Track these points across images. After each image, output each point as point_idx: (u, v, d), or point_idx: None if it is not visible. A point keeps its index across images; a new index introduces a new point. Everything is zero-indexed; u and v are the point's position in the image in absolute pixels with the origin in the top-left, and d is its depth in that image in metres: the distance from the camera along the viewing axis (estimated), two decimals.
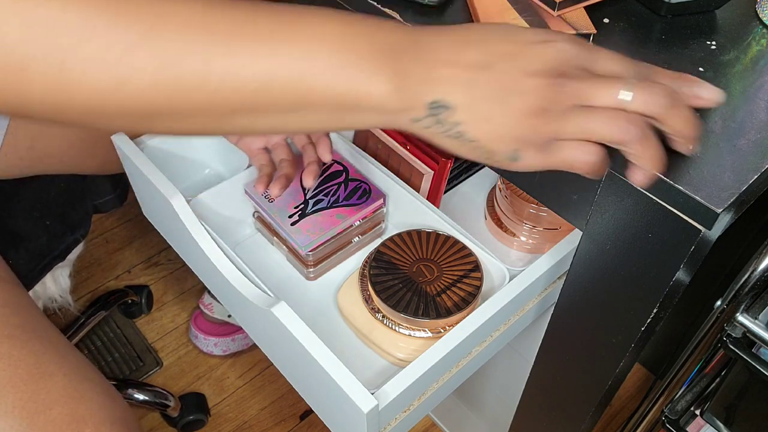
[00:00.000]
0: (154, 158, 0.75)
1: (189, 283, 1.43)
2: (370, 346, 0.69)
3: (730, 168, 0.41)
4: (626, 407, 1.24)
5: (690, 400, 0.82)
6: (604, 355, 0.55)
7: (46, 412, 0.60)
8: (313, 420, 1.23)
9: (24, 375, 0.61)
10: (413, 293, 0.66)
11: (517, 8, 0.50)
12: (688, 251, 0.42)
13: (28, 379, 0.61)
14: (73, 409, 0.62)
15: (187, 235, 0.69)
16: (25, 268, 0.80)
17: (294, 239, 0.72)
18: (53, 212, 0.83)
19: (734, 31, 0.51)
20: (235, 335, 1.28)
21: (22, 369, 0.61)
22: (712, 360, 0.76)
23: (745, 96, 0.46)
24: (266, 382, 1.28)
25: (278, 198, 0.76)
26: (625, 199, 0.44)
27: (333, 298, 0.74)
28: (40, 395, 0.61)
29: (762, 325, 0.63)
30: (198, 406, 1.21)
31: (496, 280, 0.70)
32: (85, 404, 0.63)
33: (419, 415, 0.64)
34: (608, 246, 0.48)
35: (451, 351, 0.59)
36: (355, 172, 0.79)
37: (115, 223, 1.54)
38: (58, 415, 0.61)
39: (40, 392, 0.61)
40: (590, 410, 0.62)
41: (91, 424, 0.62)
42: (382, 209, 0.78)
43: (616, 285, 0.49)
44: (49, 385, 0.62)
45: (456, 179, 0.86)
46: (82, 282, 1.42)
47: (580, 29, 0.48)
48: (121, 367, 1.29)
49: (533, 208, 0.74)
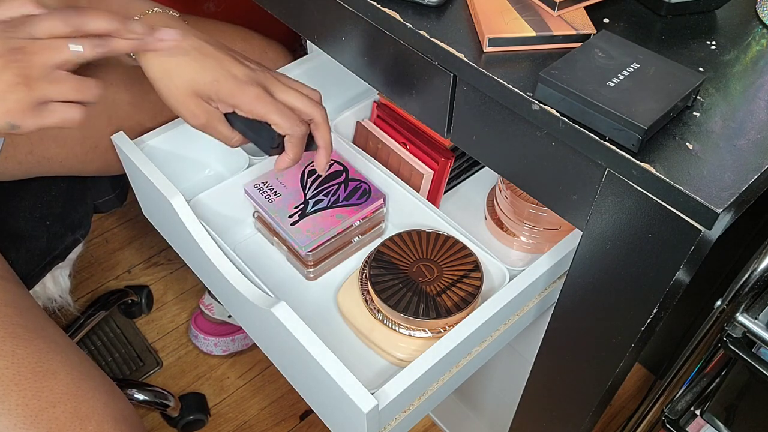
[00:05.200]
0: (154, 158, 0.75)
1: (189, 283, 1.43)
2: (370, 346, 0.69)
3: (730, 168, 0.41)
4: (626, 407, 1.23)
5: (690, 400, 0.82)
6: (604, 355, 0.55)
7: (49, 409, 0.60)
8: (313, 420, 1.23)
9: (27, 373, 0.61)
10: (413, 293, 0.66)
11: (517, 8, 0.50)
12: (688, 251, 0.42)
13: (32, 378, 0.61)
14: (76, 406, 0.62)
15: (187, 235, 0.69)
16: (26, 268, 0.80)
17: (294, 239, 0.72)
18: (54, 212, 0.83)
19: (734, 31, 0.51)
20: (235, 335, 1.27)
21: (26, 367, 0.61)
22: (712, 360, 0.76)
23: (745, 96, 0.46)
24: (266, 382, 1.28)
25: (278, 198, 0.76)
26: (625, 199, 0.44)
27: (333, 298, 0.74)
28: (44, 393, 0.61)
29: (762, 325, 0.63)
30: (198, 406, 1.21)
31: (496, 280, 0.70)
32: (88, 402, 0.63)
33: (419, 415, 0.64)
34: (608, 246, 0.48)
35: (451, 351, 0.59)
36: (355, 172, 0.79)
37: (115, 223, 1.54)
38: (62, 413, 0.61)
39: (43, 390, 0.61)
40: (590, 410, 0.62)
41: (94, 421, 0.62)
42: (382, 209, 0.78)
43: (616, 285, 0.49)
44: (52, 383, 0.62)
45: (456, 179, 0.86)
46: (82, 282, 1.42)
47: (580, 29, 0.48)
48: (121, 367, 1.29)
49: (533, 208, 0.74)
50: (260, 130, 0.61)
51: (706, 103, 0.45)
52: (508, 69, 0.47)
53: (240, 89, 0.59)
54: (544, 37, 0.48)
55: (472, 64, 0.48)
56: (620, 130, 0.41)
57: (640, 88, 0.43)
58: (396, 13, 0.52)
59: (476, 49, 0.49)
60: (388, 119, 0.84)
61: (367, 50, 0.59)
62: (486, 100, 0.50)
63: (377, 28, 0.55)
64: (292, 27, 0.68)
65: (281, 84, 0.62)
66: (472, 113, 0.52)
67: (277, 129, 0.61)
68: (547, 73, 0.43)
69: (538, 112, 0.45)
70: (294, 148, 0.63)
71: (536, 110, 0.45)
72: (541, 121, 0.45)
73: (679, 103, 0.43)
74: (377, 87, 0.61)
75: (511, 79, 0.46)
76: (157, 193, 0.71)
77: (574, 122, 0.43)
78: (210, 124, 0.61)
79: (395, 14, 0.52)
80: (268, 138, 0.62)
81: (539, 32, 0.48)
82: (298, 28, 0.67)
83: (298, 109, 0.62)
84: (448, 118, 0.55)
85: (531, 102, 0.45)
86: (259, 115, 0.60)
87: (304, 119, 0.63)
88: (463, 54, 0.48)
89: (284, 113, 0.60)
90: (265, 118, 0.60)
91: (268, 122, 0.61)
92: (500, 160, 0.53)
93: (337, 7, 0.57)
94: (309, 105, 0.62)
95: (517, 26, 0.49)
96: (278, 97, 0.61)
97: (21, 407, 0.59)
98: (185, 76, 0.58)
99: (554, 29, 0.48)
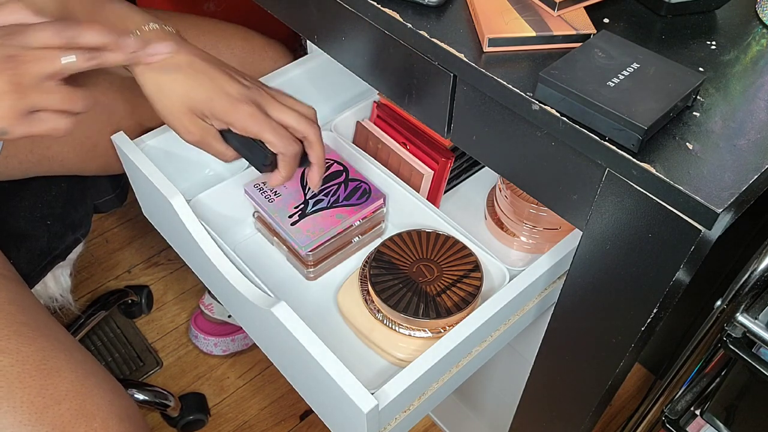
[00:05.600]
0: (154, 158, 0.75)
1: (189, 283, 1.43)
2: (370, 346, 0.69)
3: (730, 168, 0.41)
4: (626, 407, 1.24)
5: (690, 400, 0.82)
6: (604, 355, 0.55)
7: (54, 407, 0.61)
8: (313, 420, 1.23)
9: (32, 371, 0.61)
10: (413, 293, 0.66)
11: (517, 8, 0.50)
12: (688, 251, 0.42)
13: (37, 375, 0.61)
14: (81, 404, 0.62)
15: (187, 235, 0.69)
16: (27, 267, 0.80)
17: (294, 239, 0.72)
18: (54, 212, 0.83)
19: (734, 31, 0.51)
20: (235, 335, 1.28)
21: (30, 365, 0.61)
22: (712, 360, 0.76)
23: (745, 96, 0.46)
24: (266, 382, 1.28)
25: (278, 198, 0.76)
26: (625, 199, 0.44)
27: (333, 298, 0.74)
28: (49, 390, 0.61)
29: (762, 325, 0.63)
30: (198, 406, 1.21)
31: (496, 280, 0.70)
32: (92, 399, 0.63)
33: (419, 415, 0.64)
34: (608, 246, 0.48)
35: (451, 351, 0.59)
36: (355, 172, 0.79)
37: (115, 223, 1.54)
38: (67, 411, 0.61)
39: (48, 387, 0.61)
40: (590, 410, 0.62)
41: (99, 419, 0.62)
42: (382, 209, 0.78)
43: (616, 285, 0.49)
44: (57, 381, 0.62)
45: (456, 179, 0.86)
46: (82, 282, 1.42)
47: (580, 29, 0.48)
48: (121, 367, 1.29)
49: (533, 208, 0.74)
50: (253, 147, 0.62)
51: (706, 103, 0.45)
52: (508, 69, 0.47)
53: (233, 107, 0.59)
54: (544, 37, 0.48)
55: (472, 64, 0.48)
56: (620, 130, 0.41)
57: (640, 88, 0.43)
58: (396, 13, 0.52)
59: (476, 49, 0.49)
60: (388, 119, 0.84)
61: (367, 50, 0.59)
62: (486, 100, 0.50)
63: (377, 28, 0.55)
64: (292, 27, 0.68)
65: (275, 102, 0.62)
66: (472, 113, 0.52)
67: (271, 147, 0.61)
68: (547, 73, 0.43)
69: (538, 112, 0.45)
70: (287, 166, 0.63)
71: (536, 110, 0.45)
72: (541, 121, 0.45)
73: (679, 103, 0.43)
74: (377, 87, 0.61)
75: (511, 79, 0.46)
76: (157, 193, 0.71)
77: (574, 122, 0.43)
78: (204, 140, 0.62)
79: (395, 14, 0.52)
80: (261, 156, 0.62)
81: (539, 32, 0.48)
82: (298, 28, 0.67)
83: (292, 127, 0.62)
84: (448, 118, 0.55)
85: (531, 102, 0.45)
86: (252, 133, 0.60)
87: (298, 137, 0.63)
88: (463, 54, 0.48)
89: (278, 132, 0.61)
90: (258, 137, 0.61)
91: (262, 140, 0.61)
92: (500, 160, 0.53)
93: (337, 7, 0.57)
94: (303, 123, 0.62)
95: (517, 26, 0.49)
96: (272, 115, 0.61)
97: (26, 404, 0.59)
98: (179, 92, 0.59)
99: (554, 29, 0.48)
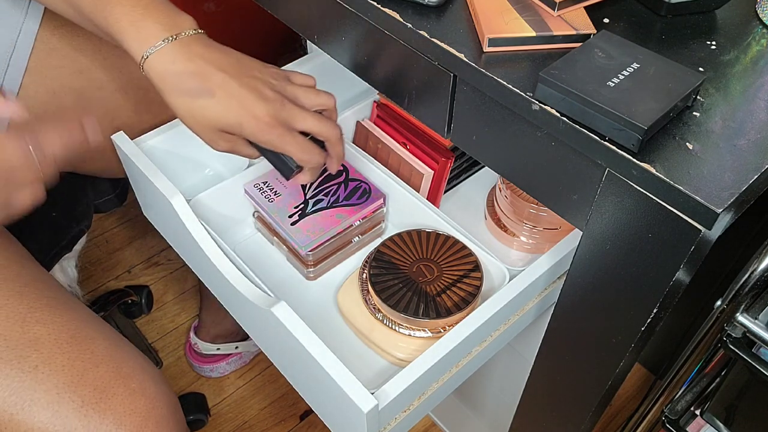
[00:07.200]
0: (154, 158, 0.75)
1: (189, 283, 1.43)
2: (370, 346, 0.69)
3: (730, 168, 0.41)
4: (626, 407, 1.23)
5: (690, 400, 0.82)
6: (604, 355, 0.55)
7: (93, 369, 0.63)
8: (313, 420, 1.23)
9: (68, 338, 0.64)
10: (413, 293, 0.66)
11: (517, 8, 0.50)
12: (688, 251, 0.42)
13: (73, 342, 0.64)
14: (117, 367, 0.65)
15: (187, 235, 0.69)
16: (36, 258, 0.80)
17: (294, 239, 0.72)
18: (58, 204, 0.84)
19: (734, 31, 0.51)
20: (228, 359, 1.27)
21: (66, 333, 0.64)
22: (712, 360, 0.76)
23: (745, 96, 0.46)
24: (266, 382, 1.28)
25: (278, 198, 0.76)
26: (625, 199, 0.44)
27: (333, 298, 0.74)
28: (86, 355, 0.64)
29: (762, 325, 0.63)
30: (198, 406, 1.21)
31: (496, 280, 0.70)
32: (127, 363, 0.66)
33: (419, 415, 0.64)
34: (608, 246, 0.48)
35: (451, 351, 0.59)
36: (355, 172, 0.79)
37: (115, 223, 1.54)
38: (105, 372, 0.64)
39: (85, 353, 0.64)
40: (590, 410, 0.62)
41: (136, 380, 0.65)
42: (382, 209, 0.78)
43: (616, 285, 0.49)
44: (92, 347, 0.65)
45: (456, 179, 0.86)
46: (82, 282, 1.41)
47: (580, 29, 0.48)
48: None
49: (533, 208, 0.74)
50: (280, 157, 0.64)
51: (706, 103, 0.45)
52: (508, 69, 0.47)
53: (261, 132, 0.60)
54: (544, 37, 0.48)
55: (472, 64, 0.48)
56: (620, 130, 0.41)
57: (640, 88, 0.43)
58: (396, 13, 0.52)
59: (476, 49, 0.49)
60: (388, 119, 0.84)
61: (367, 50, 0.59)
62: (486, 100, 0.50)
63: (377, 28, 0.55)
64: (292, 27, 0.68)
65: (299, 111, 0.63)
66: (472, 113, 0.52)
67: (297, 161, 0.63)
68: (547, 73, 0.43)
69: (538, 112, 0.45)
70: (311, 171, 0.66)
71: (536, 110, 0.45)
72: (541, 121, 0.45)
73: (679, 103, 0.43)
74: (377, 87, 0.61)
75: (511, 79, 0.46)
76: (157, 193, 0.71)
77: (574, 122, 0.43)
78: (234, 149, 0.63)
79: (395, 14, 0.52)
80: (287, 168, 0.64)
81: (539, 32, 0.48)
82: (298, 28, 0.67)
83: (316, 132, 0.64)
84: (448, 118, 0.55)
85: (531, 102, 0.45)
86: (279, 150, 0.62)
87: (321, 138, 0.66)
88: (463, 54, 0.48)
89: (305, 149, 0.62)
90: (285, 153, 0.63)
91: None
92: (500, 160, 0.53)
93: (337, 7, 0.57)
94: (325, 127, 0.64)
95: (517, 26, 0.49)
96: (298, 127, 0.62)
97: (67, 368, 0.62)
98: (210, 117, 0.60)
99: (554, 29, 0.48)
